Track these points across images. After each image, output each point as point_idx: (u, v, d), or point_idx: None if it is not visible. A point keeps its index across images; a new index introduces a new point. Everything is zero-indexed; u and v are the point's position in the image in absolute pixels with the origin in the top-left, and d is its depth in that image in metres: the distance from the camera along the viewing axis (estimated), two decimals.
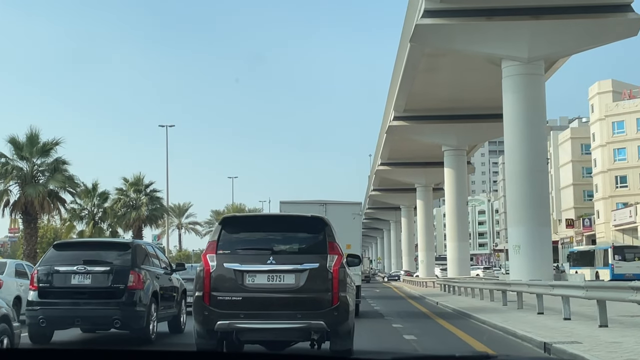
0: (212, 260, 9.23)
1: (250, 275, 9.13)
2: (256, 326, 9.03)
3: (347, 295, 9.28)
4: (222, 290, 9.11)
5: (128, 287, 12.36)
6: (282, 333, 9.16)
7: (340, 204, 22.16)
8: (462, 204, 52.29)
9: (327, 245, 9.30)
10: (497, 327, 14.78)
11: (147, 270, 13.08)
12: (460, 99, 48.59)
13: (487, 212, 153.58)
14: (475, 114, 50.19)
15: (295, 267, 9.14)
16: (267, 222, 10.64)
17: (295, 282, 9.09)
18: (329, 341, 9.22)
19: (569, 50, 32.82)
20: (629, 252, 51.69)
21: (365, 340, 12.75)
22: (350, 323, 9.32)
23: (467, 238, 53.34)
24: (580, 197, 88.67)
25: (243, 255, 9.29)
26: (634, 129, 75.29)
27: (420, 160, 69.01)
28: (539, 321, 15.23)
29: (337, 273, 9.13)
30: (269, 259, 9.18)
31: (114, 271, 12.49)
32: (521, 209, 31.52)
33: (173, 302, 14.60)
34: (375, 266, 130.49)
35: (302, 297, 9.03)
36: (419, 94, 47.66)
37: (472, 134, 52.13)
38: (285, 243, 9.69)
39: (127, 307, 12.29)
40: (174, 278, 15.07)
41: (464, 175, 52.85)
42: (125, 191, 56.40)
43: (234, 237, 9.50)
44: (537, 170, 31.64)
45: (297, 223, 9.99)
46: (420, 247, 71.57)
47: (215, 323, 9.01)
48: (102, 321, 12.49)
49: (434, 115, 50.98)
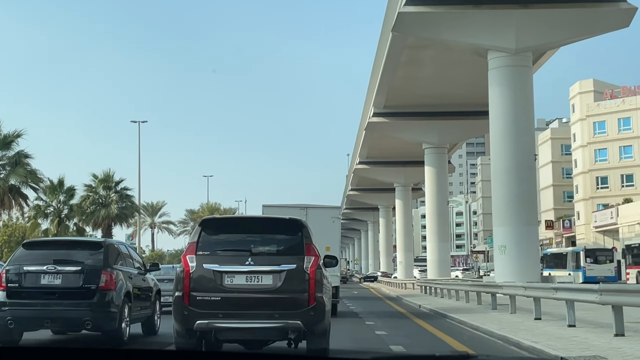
0: (192, 261, 9.40)
1: (229, 275, 9.31)
2: (234, 326, 9.22)
3: (323, 295, 9.44)
4: (201, 290, 9.28)
5: (100, 288, 12.07)
6: (259, 332, 9.31)
7: (321, 208, 22.85)
8: (442, 203, 50.80)
9: (304, 247, 9.52)
10: (494, 335, 13.14)
11: (119, 270, 12.80)
12: (442, 95, 47.09)
13: (464, 213, 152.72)
14: (457, 111, 48.75)
15: (273, 268, 9.32)
16: (246, 224, 10.82)
17: (273, 283, 9.28)
18: (306, 340, 9.41)
19: (558, 41, 31.39)
20: (600, 255, 51.27)
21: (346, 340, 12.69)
22: (326, 323, 9.51)
23: (448, 238, 51.88)
24: (560, 198, 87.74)
25: (222, 256, 9.49)
26: (615, 130, 74.41)
27: (399, 159, 67.56)
28: (539, 328, 13.69)
29: (314, 274, 9.33)
30: (248, 260, 9.36)
31: (85, 271, 12.17)
32: (507, 208, 30.03)
33: (147, 303, 14.28)
34: (353, 267, 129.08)
35: (280, 298, 9.22)
36: (400, 89, 46.08)
37: (454, 131, 50.66)
38: (263, 244, 9.88)
39: (99, 308, 11.98)
40: (148, 278, 14.78)
41: (445, 174, 51.38)
42: (94, 188, 54.24)
43: (213, 239, 9.69)
44: (524, 167, 30.16)
45: (275, 225, 10.20)
46: (399, 248, 70.08)
47: (195, 322, 9.16)
48: (72, 322, 12.16)
49: (415, 111, 49.44)
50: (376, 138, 59.16)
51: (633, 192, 72.16)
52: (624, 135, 73.74)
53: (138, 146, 64.81)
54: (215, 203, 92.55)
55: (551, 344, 10.42)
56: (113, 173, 54.08)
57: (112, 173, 54.14)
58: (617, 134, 74.19)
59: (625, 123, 73.84)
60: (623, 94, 74.41)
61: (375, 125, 51.49)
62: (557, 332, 12.79)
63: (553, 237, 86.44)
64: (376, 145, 62.51)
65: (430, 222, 51.09)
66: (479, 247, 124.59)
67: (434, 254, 50.32)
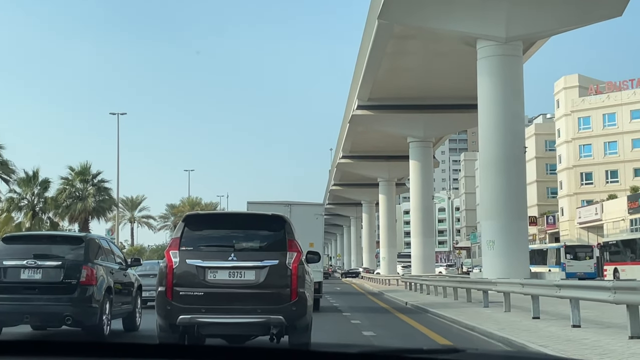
0: (175, 256, 9.43)
1: (212, 271, 9.35)
2: (217, 320, 9.26)
3: (305, 291, 9.49)
4: (184, 285, 9.31)
5: (80, 283, 11.95)
6: (242, 327, 9.38)
7: (304, 205, 23.09)
8: (427, 197, 49.85)
9: (286, 243, 9.56)
10: (494, 337, 12.02)
11: (100, 265, 12.67)
12: (428, 88, 46.13)
13: (447, 209, 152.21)
14: (444, 104, 47.83)
15: (256, 263, 9.36)
16: (229, 220, 10.81)
17: (256, 278, 9.32)
18: (288, 335, 9.48)
19: (549, 30, 30.41)
20: (580, 251, 51.24)
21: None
22: (308, 318, 9.58)
23: (432, 234, 50.93)
24: (543, 194, 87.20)
25: (205, 251, 9.51)
26: (600, 125, 73.87)
27: (383, 154, 66.65)
28: (541, 329, 12.62)
29: (296, 270, 9.37)
30: (231, 256, 9.40)
31: (65, 266, 12.05)
32: (496, 202, 29.07)
33: (128, 299, 14.16)
34: (335, 263, 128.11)
35: (262, 293, 9.26)
36: (385, 81, 45.06)
37: (439, 124, 49.71)
38: (246, 240, 9.97)
39: (80, 303, 11.84)
40: (130, 273, 14.68)
41: (430, 168, 50.44)
42: (71, 181, 52.84)
43: (196, 234, 9.72)
44: (514, 159, 29.20)
45: (258, 221, 10.28)
46: (382, 244, 69.13)
47: (178, 317, 9.19)
48: (53, 317, 11.96)
49: (400, 104, 48.45)
50: (360, 132, 58.12)
51: (617, 188, 71.65)
52: (608, 130, 73.23)
53: (117, 138, 63.45)
54: (196, 197, 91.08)
55: (562, 349, 9.30)
56: (90, 165, 52.72)
57: (89, 165, 52.78)
58: (602, 130, 73.66)
59: (610, 119, 73.33)
60: (608, 89, 73.89)
61: (359, 118, 50.43)
62: (562, 333, 11.86)
63: (537, 234, 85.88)
64: (360, 139, 61.49)
65: (414, 217, 50.12)
66: (462, 243, 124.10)
67: (418, 249, 49.37)
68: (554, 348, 9.31)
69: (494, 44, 29.12)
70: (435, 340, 12.29)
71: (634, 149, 71.44)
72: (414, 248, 49.74)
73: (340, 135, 67.79)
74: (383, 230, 69.22)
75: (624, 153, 72.12)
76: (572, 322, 12.73)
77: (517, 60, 29.60)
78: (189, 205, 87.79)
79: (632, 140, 71.70)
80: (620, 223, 64.62)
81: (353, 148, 66.53)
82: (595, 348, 9.51)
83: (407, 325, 16.55)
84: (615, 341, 10.23)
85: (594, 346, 9.67)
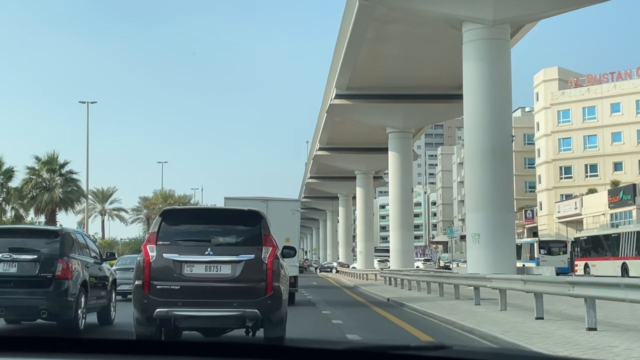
0: (152, 250, 9.51)
1: (189, 265, 9.43)
2: (193, 314, 9.34)
3: (280, 284, 9.55)
4: (161, 279, 9.39)
5: (56, 277, 11.90)
6: (218, 320, 9.48)
7: (281, 201, 23.49)
8: (407, 190, 48.49)
9: (262, 238, 9.63)
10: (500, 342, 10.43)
11: (76, 260, 12.62)
12: (410, 77, 44.72)
13: (422, 204, 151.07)
14: (425, 94, 46.50)
15: (232, 258, 9.47)
16: (205, 215, 11.01)
17: (232, 272, 9.42)
18: (263, 328, 9.57)
19: (538, 13, 29.05)
20: (554, 246, 50.91)
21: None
22: (283, 311, 9.63)
23: (412, 227, 49.62)
24: (522, 189, 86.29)
25: (182, 246, 9.60)
26: (580, 118, 73.06)
27: (361, 146, 65.27)
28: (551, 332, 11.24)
29: (272, 264, 9.46)
30: (207, 250, 9.49)
31: (41, 259, 12.02)
32: (482, 193, 27.70)
33: (103, 292, 14.15)
34: (311, 257, 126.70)
35: (238, 287, 9.36)
36: (364, 69, 43.58)
37: (420, 115, 48.34)
38: (222, 235, 10.04)
39: (55, 297, 11.82)
40: (105, 267, 14.70)
41: (410, 160, 49.07)
42: (37, 171, 50.75)
43: (173, 229, 9.79)
44: (501, 148, 27.86)
45: (235, 216, 10.40)
46: (359, 237, 67.81)
47: (154, 310, 9.25)
48: (28, 311, 11.97)
49: (380, 93, 47.03)
50: (338, 122, 56.64)
51: (597, 182, 70.90)
52: (588, 124, 72.43)
53: (87, 128, 61.14)
54: (169, 190, 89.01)
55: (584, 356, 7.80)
56: (57, 155, 50.66)
57: (57, 155, 50.72)
58: (582, 123, 72.85)
59: (590, 112, 72.54)
60: (588, 82, 73.06)
61: (337, 108, 48.91)
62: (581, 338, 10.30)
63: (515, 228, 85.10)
64: (337, 130, 60.02)
65: (393, 210, 48.73)
66: (438, 237, 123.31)
67: (397, 243, 48.01)
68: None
69: (480, 27, 27.72)
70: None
71: (614, 143, 70.73)
72: (393, 242, 48.36)
73: (317, 126, 66.26)
74: (360, 223, 67.86)
75: (604, 147, 71.37)
76: (588, 325, 11.21)
77: (504, 44, 28.25)
78: (161, 198, 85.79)
79: (612, 134, 70.97)
80: (601, 217, 63.83)
81: (330, 140, 65.05)
82: (622, 356, 7.97)
83: (391, 324, 15.08)
84: (636, 344, 8.71)
85: (629, 356, 8.06)
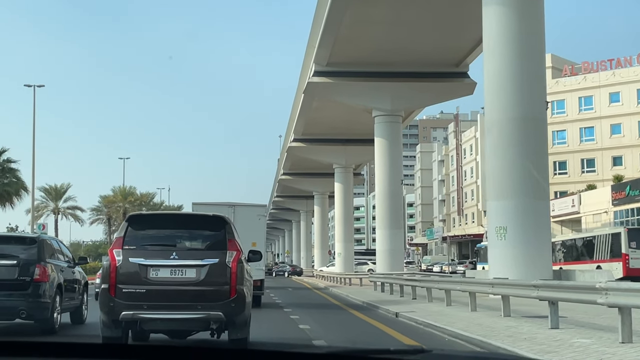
0: (118, 255, 9.71)
1: (154, 269, 9.63)
2: (159, 316, 9.53)
3: (244, 288, 9.74)
4: (126, 283, 9.55)
5: (34, 280, 12.95)
6: (183, 323, 9.63)
7: (247, 206, 23.47)
8: (395, 182, 42.28)
9: (226, 242, 9.84)
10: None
11: (52, 264, 13.67)
12: (400, 49, 38.67)
13: None
14: (418, 72, 40.58)
15: (197, 262, 9.64)
16: (171, 220, 11.16)
17: (196, 276, 9.57)
18: (227, 330, 9.73)
19: None
20: None
21: None
22: (246, 314, 9.79)
23: (401, 225, 43.50)
24: None
25: (148, 250, 9.81)
26: (576, 109, 67.62)
27: (341, 137, 59.32)
28: (589, 348, 8.95)
29: (235, 268, 9.64)
30: (172, 254, 9.68)
31: (20, 264, 13.04)
32: (509, 175, 21.59)
33: (75, 294, 15.04)
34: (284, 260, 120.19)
35: (202, 290, 9.50)
36: (347, 41, 37.45)
37: (411, 95, 42.13)
38: (188, 240, 10.31)
39: (33, 299, 12.86)
40: (77, 271, 15.66)
41: (399, 147, 42.84)
42: None
43: (140, 234, 10.01)
44: (534, 117, 21.75)
45: (200, 221, 10.64)
46: (338, 238, 61.53)
47: (120, 313, 9.45)
48: (8, 312, 12.91)
49: (366, 70, 40.89)
50: (315, 108, 50.42)
51: (594, 178, 65.45)
52: (585, 115, 67.00)
53: (33, 113, 54.02)
54: (130, 187, 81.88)
55: None
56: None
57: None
58: (578, 114, 67.41)
59: (587, 102, 67.10)
60: (584, 70, 67.66)
61: (316, 87, 42.57)
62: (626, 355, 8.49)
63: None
64: (315, 117, 53.82)
65: (380, 205, 42.50)
66: (417, 239, 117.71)
67: (384, 243, 41.78)
68: None
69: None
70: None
71: (613, 136, 65.31)
72: (380, 242, 42.11)
73: (292, 114, 59.88)
74: (339, 222, 61.59)
75: (602, 140, 65.90)
76: (621, 339, 9.29)
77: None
78: (121, 195, 78.83)
79: (610, 126, 65.54)
80: (602, 215, 58.27)
81: (306, 130, 58.76)
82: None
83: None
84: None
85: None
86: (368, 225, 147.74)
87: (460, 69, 41.11)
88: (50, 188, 74.15)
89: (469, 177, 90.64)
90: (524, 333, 12.06)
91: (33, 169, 51.76)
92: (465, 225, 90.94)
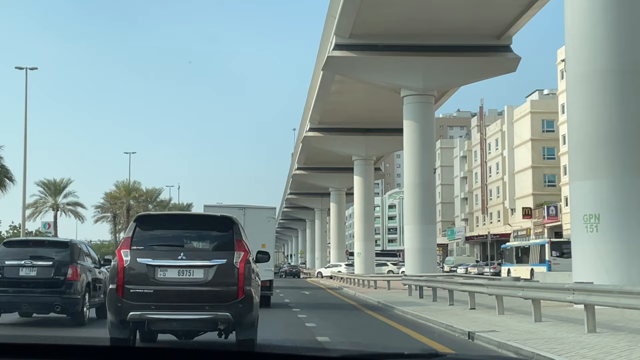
0: (126, 255, 9.73)
1: (162, 269, 9.62)
2: (166, 317, 9.53)
3: (251, 288, 9.72)
4: (134, 283, 9.55)
5: (67, 279, 14.87)
6: (190, 323, 9.62)
7: (258, 208, 23.88)
8: (428, 170, 37.10)
9: (234, 243, 9.84)
10: None
11: (82, 265, 15.60)
12: (433, 19, 33.83)
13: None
14: (454, 45, 35.71)
15: (204, 262, 9.66)
16: (179, 220, 11.25)
17: (204, 277, 9.57)
18: (235, 331, 9.72)
19: None
20: (566, 248, 41.78)
21: None
22: (254, 314, 9.77)
23: (434, 220, 38.39)
24: (540, 183, 75.50)
25: (156, 251, 9.81)
26: None
27: (361, 126, 55.10)
28: None
29: (243, 269, 9.65)
30: (180, 255, 9.69)
31: (55, 265, 14.98)
32: (603, 143, 16.36)
33: (101, 292, 16.08)
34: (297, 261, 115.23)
35: (210, 290, 9.51)
36: (375, 7, 32.33)
37: (446, 72, 36.63)
38: (195, 240, 10.39)
39: (66, 295, 14.76)
40: (102, 271, 16.94)
41: (431, 132, 37.58)
42: None
43: (147, 234, 10.06)
44: (634, 68, 16.49)
45: (208, 222, 10.69)
46: (357, 237, 56.56)
47: (128, 314, 9.47)
48: (45, 306, 14.98)
49: (394, 43, 35.89)
50: (333, 92, 45.58)
51: None
52: None
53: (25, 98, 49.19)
54: (135, 182, 76.98)
55: None
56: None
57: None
58: None
59: None
60: None
61: (337, 62, 37.36)
62: None
63: (532, 227, 74.09)
64: (333, 103, 49.14)
65: (409, 197, 37.37)
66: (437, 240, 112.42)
67: (414, 240, 36.64)
68: None
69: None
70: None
71: None
72: (410, 239, 36.92)
73: (308, 100, 54.83)
74: (359, 219, 56.50)
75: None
76: None
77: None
78: (124, 191, 74.07)
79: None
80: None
81: (324, 118, 53.75)
82: None
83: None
84: None
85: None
86: (384, 225, 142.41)
87: (502, 42, 35.90)
88: (49, 183, 69.52)
89: (494, 174, 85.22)
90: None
91: (25, 156, 47.05)
92: (490, 224, 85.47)
